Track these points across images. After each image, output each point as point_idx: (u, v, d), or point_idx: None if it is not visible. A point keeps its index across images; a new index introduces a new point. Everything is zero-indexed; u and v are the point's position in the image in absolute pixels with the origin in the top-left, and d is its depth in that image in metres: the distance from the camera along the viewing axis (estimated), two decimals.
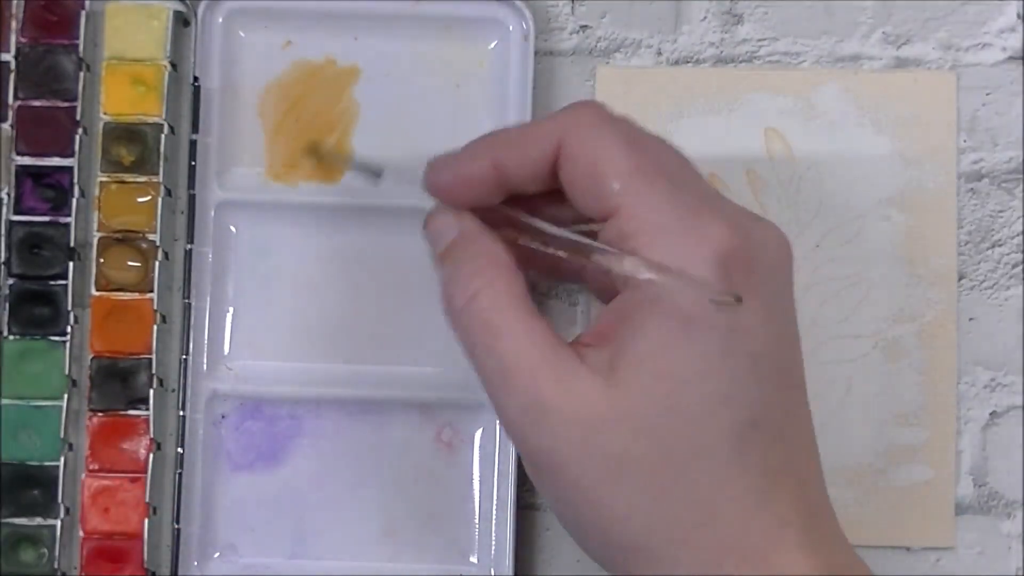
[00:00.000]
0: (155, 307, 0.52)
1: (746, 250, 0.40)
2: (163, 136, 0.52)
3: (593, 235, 0.42)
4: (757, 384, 0.39)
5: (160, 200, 0.52)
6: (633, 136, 0.41)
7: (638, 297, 0.40)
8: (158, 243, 0.52)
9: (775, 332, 0.40)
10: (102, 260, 0.52)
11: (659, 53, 0.54)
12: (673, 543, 0.39)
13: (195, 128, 0.53)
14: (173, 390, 0.53)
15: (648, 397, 0.38)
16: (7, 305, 0.52)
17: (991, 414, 0.54)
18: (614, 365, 0.39)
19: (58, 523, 0.51)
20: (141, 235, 0.52)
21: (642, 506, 0.39)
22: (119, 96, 0.52)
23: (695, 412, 0.38)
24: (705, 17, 0.54)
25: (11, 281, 0.52)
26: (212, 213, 0.53)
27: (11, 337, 0.52)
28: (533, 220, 0.43)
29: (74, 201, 0.52)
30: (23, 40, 0.53)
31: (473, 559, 0.52)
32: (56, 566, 0.51)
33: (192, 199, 0.52)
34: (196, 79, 0.53)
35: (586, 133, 0.41)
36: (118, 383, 0.52)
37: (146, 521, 0.51)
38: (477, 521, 0.52)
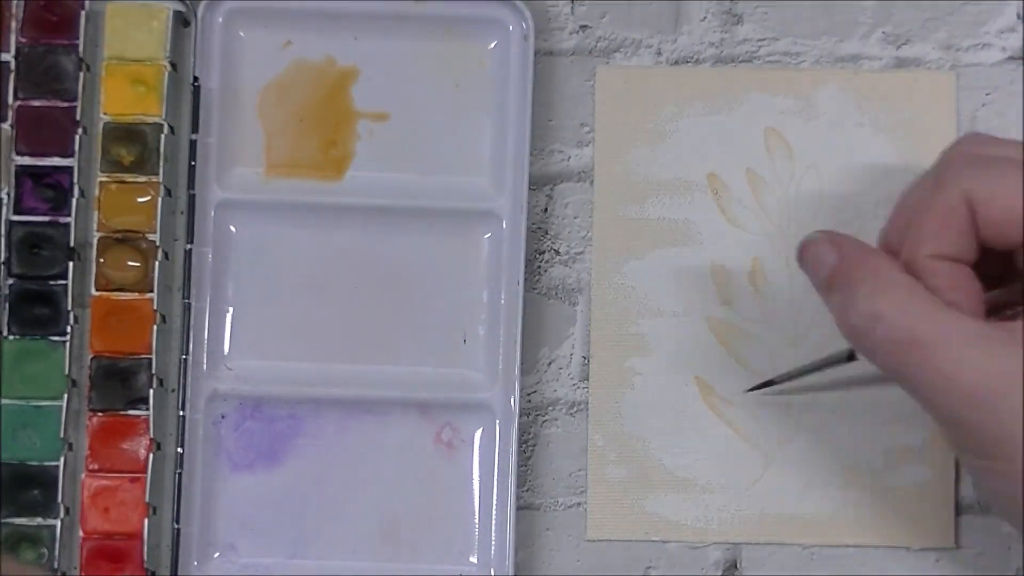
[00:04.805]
0: (155, 307, 0.52)
1: None
2: (163, 136, 0.52)
3: None
4: None
5: (160, 200, 0.52)
6: None
7: None
8: (158, 243, 0.52)
9: None
10: (102, 260, 0.52)
11: (659, 53, 0.54)
12: None
13: (195, 128, 0.53)
14: (173, 390, 0.53)
15: None
16: (7, 305, 0.52)
17: None
18: None
19: (58, 523, 0.51)
20: (141, 235, 0.52)
21: None
22: (119, 96, 0.52)
23: None
24: (705, 17, 0.54)
25: (11, 281, 0.52)
26: (212, 213, 0.53)
27: (11, 337, 0.52)
28: None
29: (74, 201, 0.52)
30: (23, 40, 0.52)
31: (473, 559, 0.52)
32: (56, 566, 0.51)
33: (192, 199, 0.52)
34: (196, 79, 0.53)
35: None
36: (118, 383, 0.52)
37: (146, 521, 0.51)
38: (477, 521, 0.52)
